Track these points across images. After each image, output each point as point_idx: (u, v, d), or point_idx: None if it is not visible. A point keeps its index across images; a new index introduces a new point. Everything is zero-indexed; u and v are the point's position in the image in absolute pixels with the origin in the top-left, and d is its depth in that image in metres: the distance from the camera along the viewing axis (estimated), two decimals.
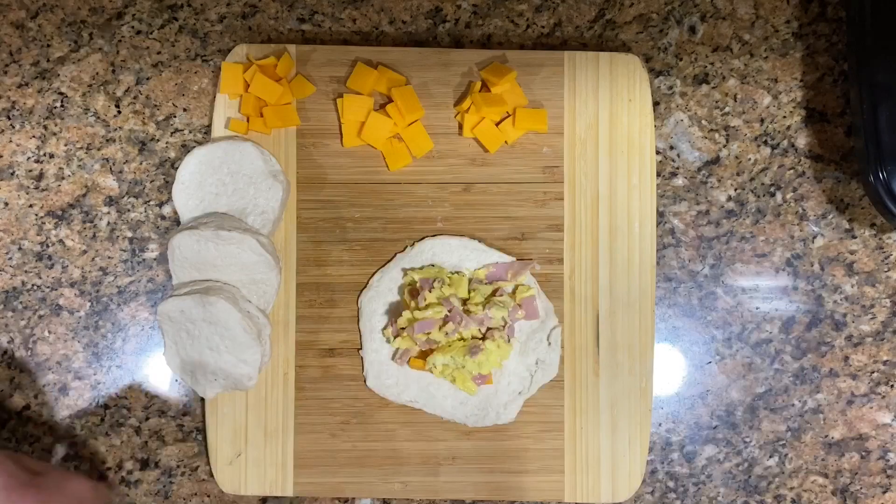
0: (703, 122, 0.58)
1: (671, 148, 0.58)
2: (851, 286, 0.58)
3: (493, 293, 0.54)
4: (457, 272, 0.55)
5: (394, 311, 0.55)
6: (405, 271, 0.55)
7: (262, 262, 0.53)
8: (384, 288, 0.56)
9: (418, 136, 0.56)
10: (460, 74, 0.56)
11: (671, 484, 0.58)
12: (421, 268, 0.55)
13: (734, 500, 0.57)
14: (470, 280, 0.55)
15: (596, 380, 0.56)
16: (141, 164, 0.57)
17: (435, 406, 0.55)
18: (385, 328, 0.55)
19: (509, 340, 0.54)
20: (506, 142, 0.56)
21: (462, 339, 0.54)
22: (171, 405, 0.57)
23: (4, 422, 0.57)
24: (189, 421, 0.57)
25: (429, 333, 0.53)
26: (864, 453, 0.58)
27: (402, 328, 0.54)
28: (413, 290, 0.54)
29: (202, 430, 0.57)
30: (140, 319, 0.57)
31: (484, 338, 0.54)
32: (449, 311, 0.53)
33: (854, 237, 0.58)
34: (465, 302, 0.54)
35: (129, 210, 0.57)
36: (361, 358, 0.56)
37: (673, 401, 0.58)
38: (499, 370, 0.55)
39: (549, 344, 0.55)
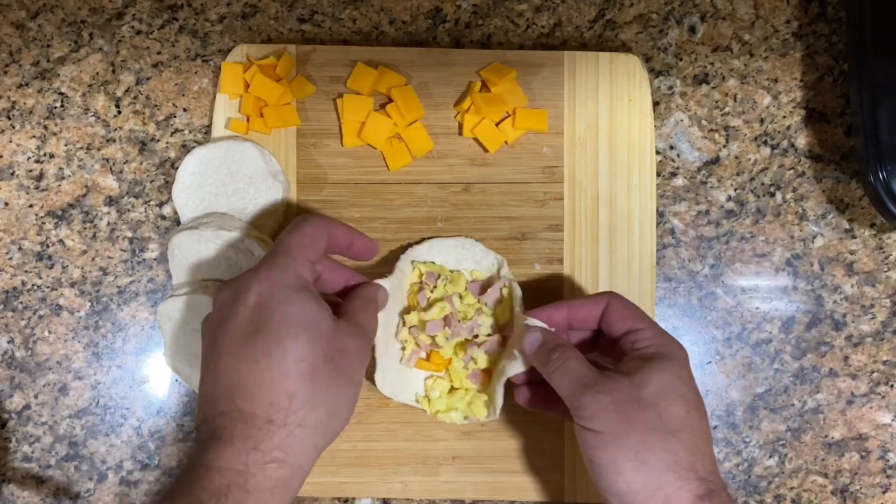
0: (703, 122, 0.58)
1: (671, 148, 0.58)
2: (851, 286, 0.58)
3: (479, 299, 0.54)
4: (456, 271, 0.55)
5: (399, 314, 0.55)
6: (414, 264, 0.55)
7: None
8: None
9: (418, 136, 0.56)
10: (460, 74, 0.56)
11: None
12: (423, 263, 0.55)
13: (734, 500, 0.57)
14: (467, 282, 0.55)
15: None
16: (141, 164, 0.57)
17: None
18: (397, 334, 0.55)
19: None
20: (506, 142, 0.56)
21: (459, 343, 0.53)
22: (171, 405, 0.57)
23: (4, 422, 0.57)
24: (189, 421, 0.57)
25: (434, 337, 0.52)
26: (863, 453, 0.58)
27: (412, 327, 0.53)
28: (418, 289, 0.54)
29: None
30: (140, 319, 0.57)
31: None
32: (450, 312, 0.53)
33: (854, 237, 0.58)
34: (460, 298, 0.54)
35: (129, 210, 0.57)
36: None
37: None
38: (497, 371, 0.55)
39: None
